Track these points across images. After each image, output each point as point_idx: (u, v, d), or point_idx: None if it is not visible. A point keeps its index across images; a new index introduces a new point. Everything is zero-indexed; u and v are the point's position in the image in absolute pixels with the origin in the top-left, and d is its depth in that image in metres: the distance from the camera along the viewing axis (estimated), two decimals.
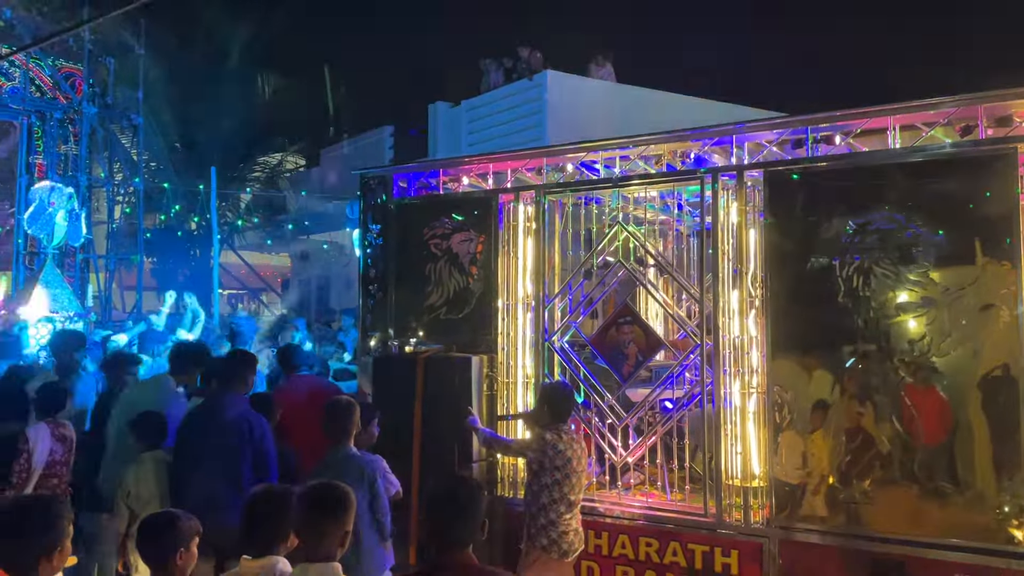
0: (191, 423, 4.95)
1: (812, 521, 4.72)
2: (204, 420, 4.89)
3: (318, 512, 2.89)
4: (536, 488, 4.68)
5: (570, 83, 13.01)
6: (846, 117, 4.97)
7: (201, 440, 4.77)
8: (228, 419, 4.80)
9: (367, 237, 6.66)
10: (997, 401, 4.33)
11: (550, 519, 4.61)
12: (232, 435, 4.76)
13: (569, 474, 4.61)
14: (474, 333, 6.02)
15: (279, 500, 3.10)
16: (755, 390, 5.07)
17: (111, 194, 16.75)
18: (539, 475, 4.66)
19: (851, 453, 4.65)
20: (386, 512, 4.58)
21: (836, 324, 4.72)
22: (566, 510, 4.63)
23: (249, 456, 4.77)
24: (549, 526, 4.61)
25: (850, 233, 4.70)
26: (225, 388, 4.94)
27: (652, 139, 5.63)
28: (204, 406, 5.02)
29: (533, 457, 4.70)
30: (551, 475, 4.61)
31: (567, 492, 4.62)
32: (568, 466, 4.61)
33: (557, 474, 4.61)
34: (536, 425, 4.89)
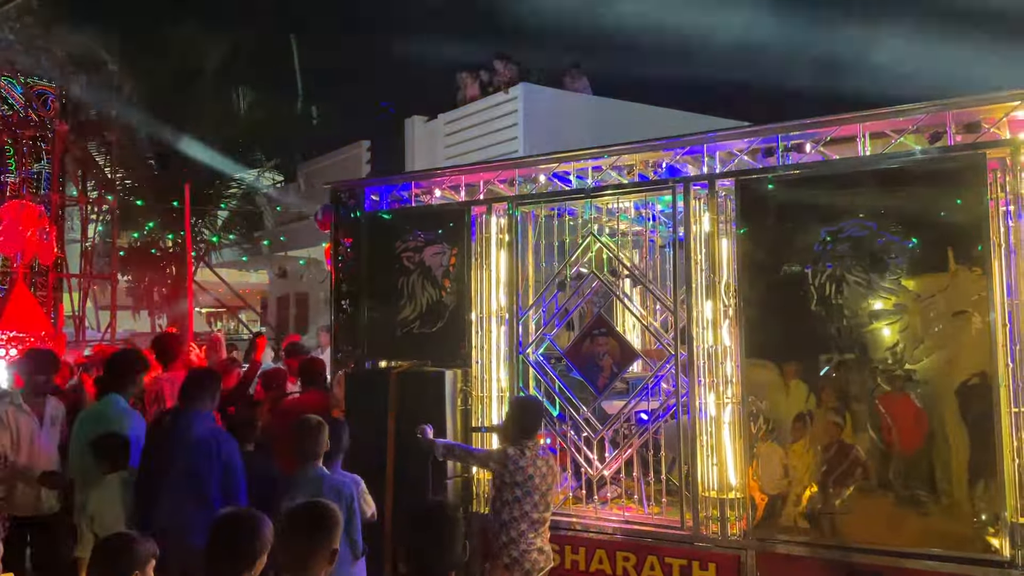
0: (155, 442, 4.83)
1: (790, 532, 4.68)
2: (170, 439, 4.76)
3: (307, 532, 2.81)
4: (498, 505, 4.58)
5: (545, 96, 13.04)
6: (816, 125, 4.97)
7: (167, 459, 4.64)
8: (194, 438, 4.68)
9: (339, 251, 6.58)
10: (971, 408, 4.31)
11: (511, 536, 4.51)
12: (199, 454, 4.63)
13: (531, 491, 4.50)
14: (448, 347, 5.95)
15: (246, 523, 2.99)
16: (730, 400, 5.02)
17: (85, 212, 16.54)
18: (501, 491, 4.56)
19: (827, 463, 4.61)
20: (358, 530, 4.48)
21: (810, 333, 4.70)
22: (528, 528, 4.53)
23: (218, 476, 4.65)
24: (511, 544, 4.51)
25: (822, 241, 4.69)
26: (190, 405, 4.82)
27: (624, 149, 5.61)
28: (169, 424, 4.89)
29: (495, 471, 4.62)
30: (512, 491, 4.51)
31: (529, 510, 4.51)
32: (530, 483, 4.50)
33: (517, 491, 4.50)
34: (505, 439, 4.81)
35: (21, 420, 5.15)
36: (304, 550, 2.84)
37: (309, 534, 2.87)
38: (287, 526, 2.91)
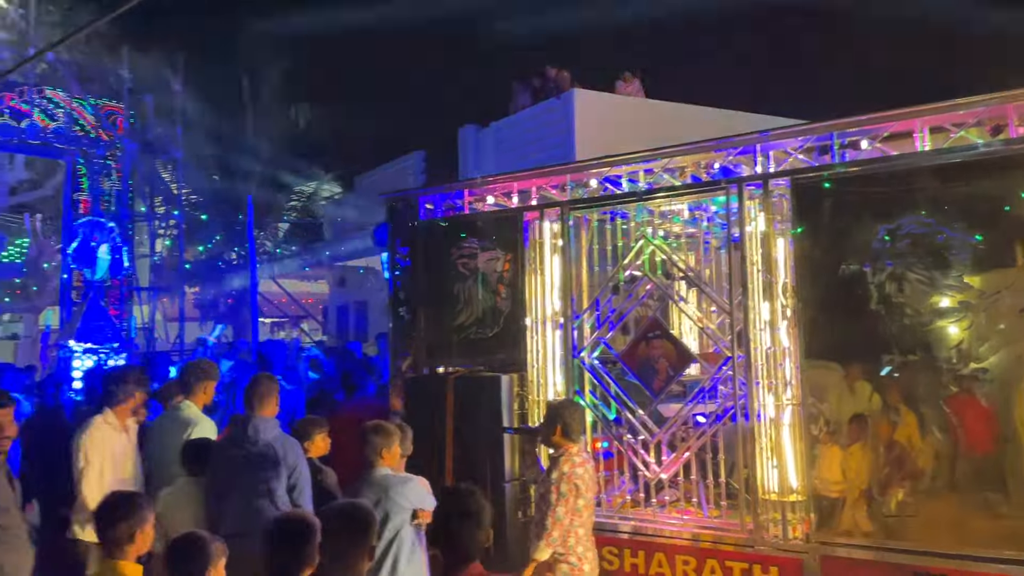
0: (225, 447, 4.99)
1: (853, 535, 4.59)
2: (238, 444, 4.92)
3: (341, 531, 2.91)
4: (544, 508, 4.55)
5: (597, 101, 13.02)
6: (872, 121, 4.89)
7: (235, 464, 4.79)
8: (262, 443, 4.82)
9: (395, 260, 6.71)
10: None
11: (568, 545, 4.50)
12: (267, 459, 4.77)
13: (589, 500, 4.50)
14: (503, 352, 6.00)
15: (301, 526, 3.09)
16: (790, 402, 4.96)
17: (153, 227, 17.14)
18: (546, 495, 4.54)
19: (891, 464, 4.53)
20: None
21: (871, 332, 4.62)
22: (584, 534, 4.53)
23: (284, 480, 4.78)
24: (568, 552, 4.51)
25: (881, 239, 4.61)
26: (256, 411, 4.97)
27: (676, 151, 5.59)
28: (237, 430, 5.05)
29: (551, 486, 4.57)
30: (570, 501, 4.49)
31: (587, 518, 4.51)
32: (588, 490, 4.51)
33: (579, 501, 4.49)
34: (543, 444, 4.80)
35: (115, 442, 4.90)
36: (343, 548, 2.93)
37: (347, 533, 2.96)
38: (327, 526, 2.99)
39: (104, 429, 4.88)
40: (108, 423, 4.91)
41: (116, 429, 4.92)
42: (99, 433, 4.85)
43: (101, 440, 4.84)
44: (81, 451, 4.78)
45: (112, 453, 4.86)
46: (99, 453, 4.80)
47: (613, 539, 5.36)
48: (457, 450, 5.76)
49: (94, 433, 4.83)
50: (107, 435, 4.87)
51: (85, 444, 4.79)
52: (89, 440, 4.80)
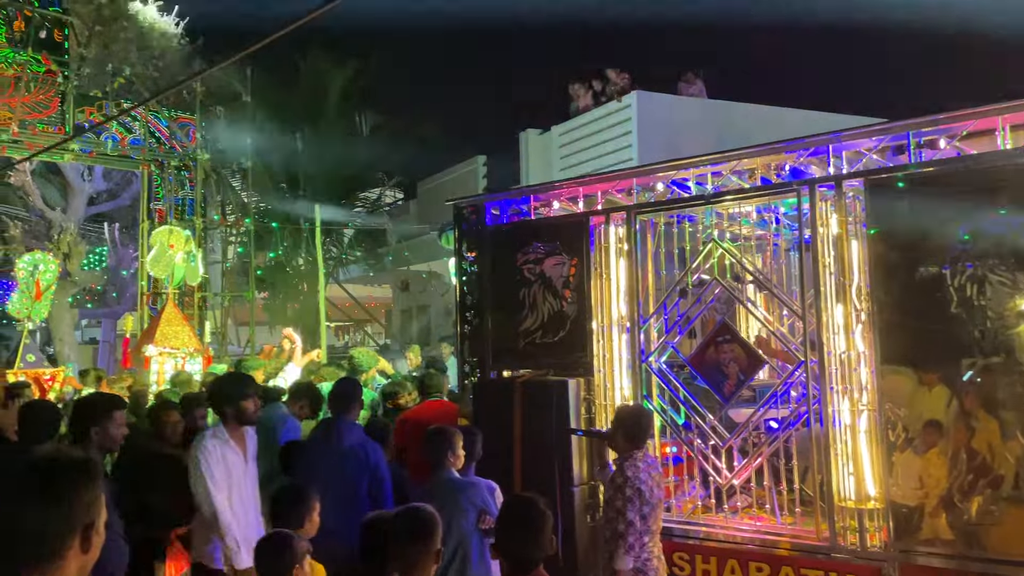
0: (310, 449, 5.13)
1: (933, 544, 4.47)
2: (323, 447, 5.05)
3: (407, 535, 2.96)
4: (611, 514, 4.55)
5: (659, 102, 12.94)
6: (951, 120, 4.75)
7: (320, 467, 4.90)
8: (346, 446, 4.94)
9: (462, 265, 6.79)
10: None
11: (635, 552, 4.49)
12: (350, 462, 4.89)
13: (654, 505, 4.49)
14: (570, 356, 6.02)
15: (429, 520, 3.17)
16: (865, 407, 4.86)
17: (224, 235, 17.67)
18: (613, 500, 4.54)
19: (973, 471, 4.39)
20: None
21: (950, 336, 4.49)
22: (650, 539, 4.51)
23: (366, 483, 4.89)
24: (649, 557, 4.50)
25: (961, 240, 4.48)
26: (341, 415, 5.11)
27: (745, 153, 5.53)
28: (322, 433, 5.17)
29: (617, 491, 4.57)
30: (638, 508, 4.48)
31: (651, 523, 4.50)
32: (653, 496, 4.49)
33: (645, 508, 4.49)
34: (611, 447, 4.80)
35: (229, 458, 4.49)
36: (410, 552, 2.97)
37: (413, 537, 3.00)
38: (394, 530, 3.04)
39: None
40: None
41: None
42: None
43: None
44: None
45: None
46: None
47: (683, 545, 5.32)
48: (525, 454, 5.79)
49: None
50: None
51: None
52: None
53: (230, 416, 4.55)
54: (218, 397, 4.67)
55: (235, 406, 4.52)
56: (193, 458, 4.43)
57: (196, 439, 4.57)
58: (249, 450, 4.64)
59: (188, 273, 12.43)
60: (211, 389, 4.84)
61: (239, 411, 4.53)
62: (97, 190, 18.87)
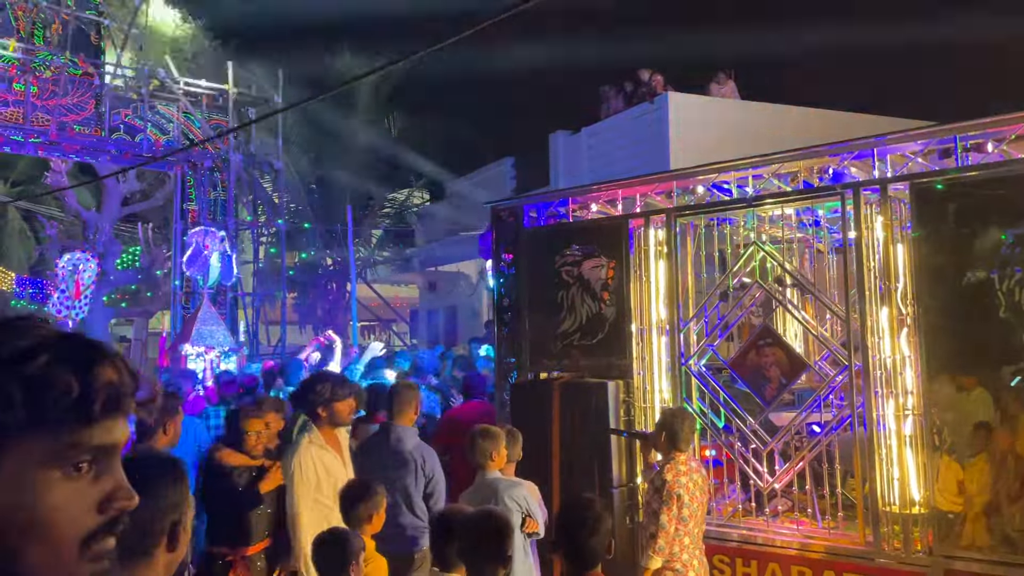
0: (369, 451, 5.20)
1: (977, 550, 4.44)
2: (381, 449, 5.11)
3: (480, 538, 3.00)
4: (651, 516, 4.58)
5: (692, 103, 12.90)
6: (998, 123, 4.72)
7: (378, 469, 4.93)
8: (403, 450, 4.99)
9: (500, 267, 6.83)
10: None
11: (673, 552, 4.52)
12: (406, 466, 4.94)
13: (695, 508, 4.50)
14: (608, 358, 6.04)
15: (501, 524, 3.21)
16: (910, 412, 4.83)
17: (256, 235, 17.87)
18: (651, 503, 4.57)
19: (1020, 478, 4.36)
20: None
21: (998, 341, 4.46)
22: (690, 542, 4.53)
23: (421, 486, 4.94)
24: (673, 560, 4.52)
25: (1009, 244, 4.45)
26: (396, 419, 5.15)
27: (787, 156, 5.52)
28: (380, 436, 5.22)
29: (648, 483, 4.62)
30: (673, 509, 4.51)
31: (691, 526, 4.52)
32: (693, 500, 4.51)
33: (683, 511, 4.51)
34: (653, 448, 4.83)
35: (327, 463, 4.30)
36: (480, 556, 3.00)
37: (486, 540, 3.02)
38: (467, 530, 3.08)
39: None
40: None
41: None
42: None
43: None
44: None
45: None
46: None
47: (723, 547, 5.33)
48: (564, 456, 5.82)
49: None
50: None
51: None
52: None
53: (324, 418, 4.36)
54: (311, 398, 4.41)
55: (329, 408, 4.35)
56: (287, 465, 4.26)
57: (290, 446, 4.40)
58: (345, 451, 4.50)
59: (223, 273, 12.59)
60: (303, 390, 4.59)
61: (333, 413, 4.36)
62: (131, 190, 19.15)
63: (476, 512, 3.11)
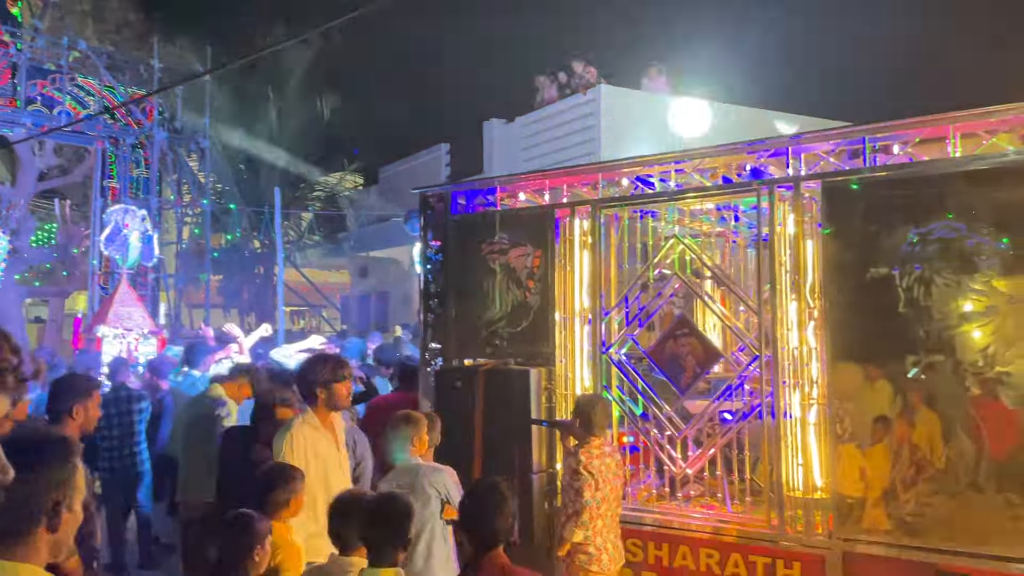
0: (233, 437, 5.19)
1: (875, 534, 4.68)
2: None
3: (380, 522, 3.01)
4: (567, 500, 4.70)
5: (624, 96, 13.07)
6: (904, 126, 4.95)
7: None
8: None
9: (427, 253, 6.83)
10: None
11: (586, 535, 4.64)
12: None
13: (607, 492, 4.63)
14: (532, 346, 6.12)
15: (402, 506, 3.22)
16: (815, 401, 5.05)
17: (180, 215, 17.38)
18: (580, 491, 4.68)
19: (915, 464, 4.60)
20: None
21: (897, 335, 4.69)
22: (604, 525, 4.66)
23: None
24: (586, 541, 4.64)
25: (910, 243, 4.68)
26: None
27: (708, 152, 5.68)
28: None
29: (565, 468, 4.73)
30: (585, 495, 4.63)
31: (605, 510, 4.64)
32: (606, 484, 4.63)
33: (596, 494, 4.62)
34: (572, 436, 4.94)
35: (321, 447, 4.18)
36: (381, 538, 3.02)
37: (387, 523, 3.04)
38: (369, 515, 3.09)
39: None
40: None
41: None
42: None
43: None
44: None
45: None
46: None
47: (637, 531, 5.47)
48: (486, 442, 5.88)
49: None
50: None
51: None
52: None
53: (322, 400, 4.26)
54: (310, 379, 4.31)
55: (328, 389, 4.25)
56: (279, 448, 4.13)
57: (283, 427, 4.28)
58: (340, 436, 4.40)
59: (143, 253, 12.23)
60: (302, 370, 4.47)
61: (332, 394, 4.26)
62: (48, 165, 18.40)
63: (378, 495, 3.13)
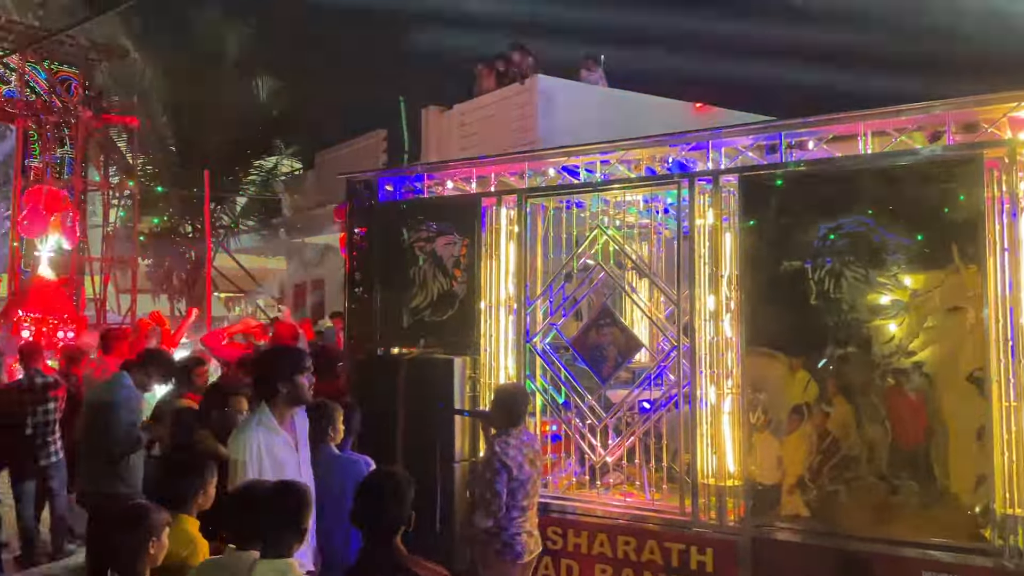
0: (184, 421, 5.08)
1: (785, 520, 4.81)
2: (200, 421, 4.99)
3: (275, 512, 2.95)
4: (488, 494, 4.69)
5: (561, 87, 13.10)
6: (819, 123, 5.07)
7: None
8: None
9: (353, 240, 6.75)
10: (966, 402, 4.42)
11: (501, 524, 4.66)
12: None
13: (524, 481, 4.65)
14: (457, 335, 6.11)
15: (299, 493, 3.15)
16: (731, 391, 5.15)
17: (106, 197, 16.82)
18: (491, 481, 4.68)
19: (823, 453, 4.74)
20: None
21: (809, 326, 4.82)
22: (519, 515, 4.68)
23: None
24: (501, 531, 4.66)
25: (822, 237, 4.80)
26: None
27: (632, 144, 5.72)
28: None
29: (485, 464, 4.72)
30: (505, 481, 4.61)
31: (520, 499, 4.67)
32: (521, 472, 4.65)
33: (512, 483, 4.64)
34: (491, 426, 4.95)
35: (278, 450, 3.82)
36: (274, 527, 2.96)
37: (282, 513, 2.97)
38: (264, 505, 3.02)
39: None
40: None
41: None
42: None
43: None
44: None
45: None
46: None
47: (558, 519, 5.52)
48: (408, 430, 5.86)
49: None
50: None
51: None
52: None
53: (282, 396, 3.87)
54: (271, 374, 3.91)
55: (292, 382, 3.87)
56: (234, 453, 3.76)
57: (238, 429, 3.93)
58: (300, 436, 4.03)
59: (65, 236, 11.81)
60: (259, 363, 4.13)
61: (295, 388, 3.87)
62: None
63: (274, 485, 3.08)
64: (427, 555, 3.26)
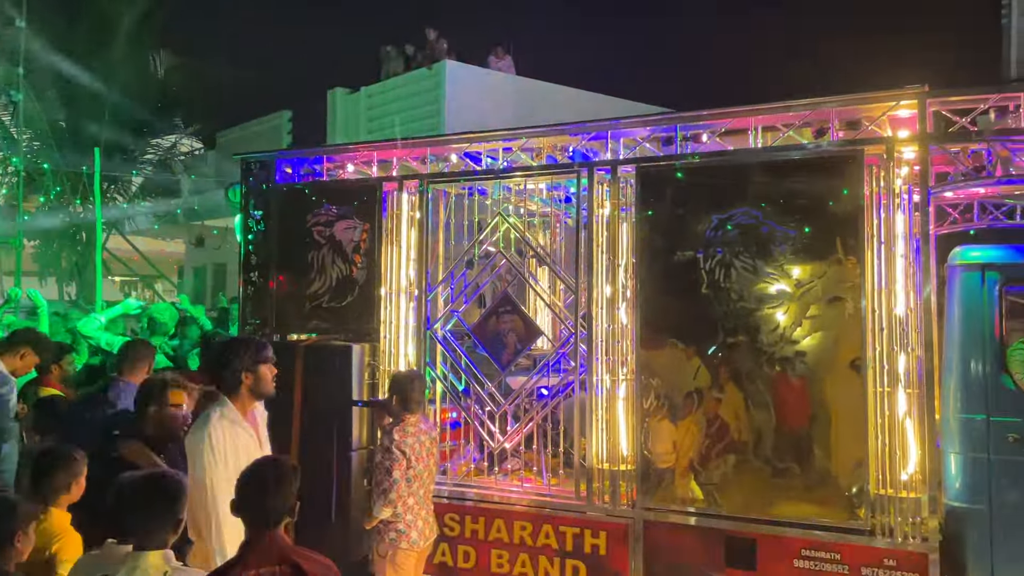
0: (80, 409, 4.92)
1: (674, 503, 4.95)
2: (95, 407, 4.81)
3: (144, 503, 2.84)
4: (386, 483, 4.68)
5: (469, 74, 13.05)
6: (712, 117, 5.20)
7: (89, 427, 4.57)
8: (120, 408, 4.71)
9: (249, 223, 6.55)
10: (844, 389, 4.63)
11: (396, 512, 4.64)
12: (120, 424, 4.64)
13: (421, 469, 4.64)
14: (357, 322, 6.01)
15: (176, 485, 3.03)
16: (626, 378, 5.25)
17: None
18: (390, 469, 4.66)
19: (711, 437, 4.89)
20: None
21: (700, 315, 4.95)
22: (415, 503, 4.68)
23: None
24: (396, 519, 4.65)
25: (714, 228, 4.93)
26: (128, 375, 4.89)
27: (533, 132, 5.74)
28: (98, 392, 4.95)
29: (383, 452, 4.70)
30: (402, 466, 4.62)
31: (416, 487, 4.66)
32: (419, 461, 4.64)
33: (408, 471, 4.63)
34: (388, 414, 4.91)
35: (241, 443, 3.64)
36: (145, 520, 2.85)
37: (152, 504, 2.87)
38: (133, 496, 2.90)
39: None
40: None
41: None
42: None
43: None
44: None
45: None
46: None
47: (457, 507, 5.52)
48: (305, 419, 5.74)
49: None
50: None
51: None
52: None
53: (247, 387, 3.69)
54: (233, 366, 3.69)
55: (255, 373, 3.68)
56: (195, 450, 3.53)
57: (198, 422, 3.67)
58: (262, 430, 3.84)
59: None
60: (218, 354, 3.88)
61: (258, 379, 3.70)
62: None
63: (144, 475, 2.96)
64: (323, 545, 3.19)
